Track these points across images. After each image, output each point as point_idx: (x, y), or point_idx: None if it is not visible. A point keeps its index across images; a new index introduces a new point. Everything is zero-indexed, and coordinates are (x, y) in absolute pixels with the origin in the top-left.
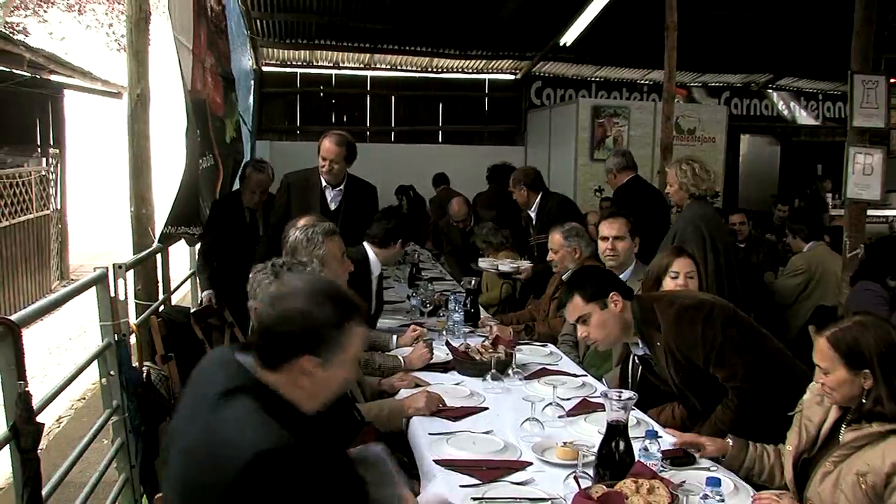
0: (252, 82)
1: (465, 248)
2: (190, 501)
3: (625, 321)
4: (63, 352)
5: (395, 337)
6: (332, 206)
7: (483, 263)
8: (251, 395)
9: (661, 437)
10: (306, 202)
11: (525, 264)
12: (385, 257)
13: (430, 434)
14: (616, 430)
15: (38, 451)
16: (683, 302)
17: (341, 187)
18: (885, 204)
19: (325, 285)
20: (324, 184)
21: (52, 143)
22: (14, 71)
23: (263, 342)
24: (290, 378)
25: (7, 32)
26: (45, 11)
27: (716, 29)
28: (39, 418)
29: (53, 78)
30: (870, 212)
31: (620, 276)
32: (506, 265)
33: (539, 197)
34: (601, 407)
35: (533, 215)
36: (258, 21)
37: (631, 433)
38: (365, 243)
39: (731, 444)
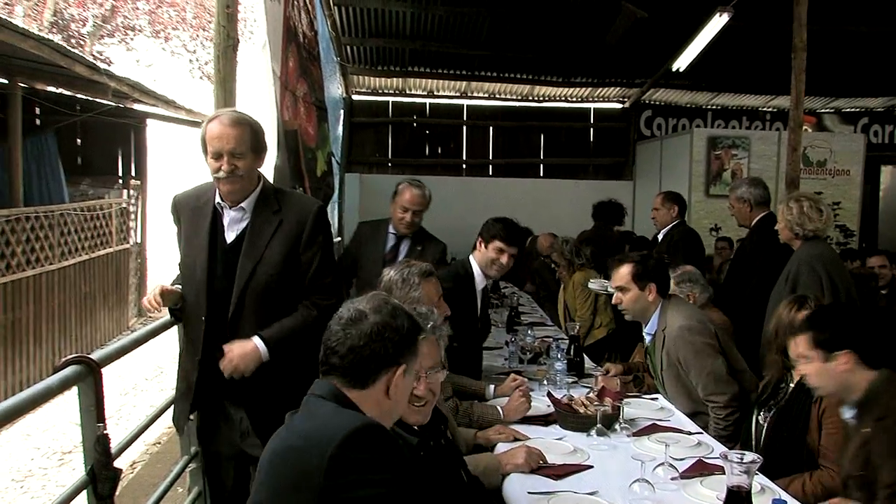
0: (341, 111)
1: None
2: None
3: (846, 384)
4: (139, 393)
5: (492, 386)
6: (230, 237)
7: (593, 285)
8: (337, 402)
9: None
10: (190, 233)
11: None
12: (482, 261)
13: (529, 493)
14: (737, 497)
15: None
16: None
17: (244, 204)
18: None
19: (392, 302)
20: (218, 200)
21: (133, 174)
22: (98, 100)
23: (349, 363)
24: (373, 396)
25: (93, 62)
26: (131, 39)
27: (852, 47)
28: (115, 463)
29: (136, 107)
30: None
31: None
32: None
33: (673, 224)
34: (719, 469)
35: (660, 237)
36: (348, 47)
37: (755, 501)
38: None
39: None
